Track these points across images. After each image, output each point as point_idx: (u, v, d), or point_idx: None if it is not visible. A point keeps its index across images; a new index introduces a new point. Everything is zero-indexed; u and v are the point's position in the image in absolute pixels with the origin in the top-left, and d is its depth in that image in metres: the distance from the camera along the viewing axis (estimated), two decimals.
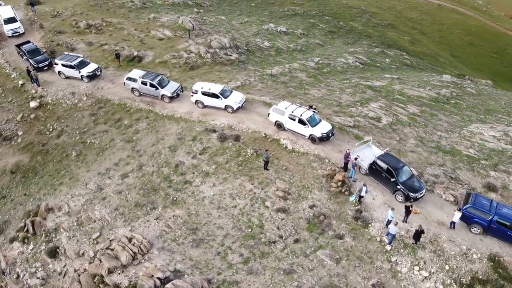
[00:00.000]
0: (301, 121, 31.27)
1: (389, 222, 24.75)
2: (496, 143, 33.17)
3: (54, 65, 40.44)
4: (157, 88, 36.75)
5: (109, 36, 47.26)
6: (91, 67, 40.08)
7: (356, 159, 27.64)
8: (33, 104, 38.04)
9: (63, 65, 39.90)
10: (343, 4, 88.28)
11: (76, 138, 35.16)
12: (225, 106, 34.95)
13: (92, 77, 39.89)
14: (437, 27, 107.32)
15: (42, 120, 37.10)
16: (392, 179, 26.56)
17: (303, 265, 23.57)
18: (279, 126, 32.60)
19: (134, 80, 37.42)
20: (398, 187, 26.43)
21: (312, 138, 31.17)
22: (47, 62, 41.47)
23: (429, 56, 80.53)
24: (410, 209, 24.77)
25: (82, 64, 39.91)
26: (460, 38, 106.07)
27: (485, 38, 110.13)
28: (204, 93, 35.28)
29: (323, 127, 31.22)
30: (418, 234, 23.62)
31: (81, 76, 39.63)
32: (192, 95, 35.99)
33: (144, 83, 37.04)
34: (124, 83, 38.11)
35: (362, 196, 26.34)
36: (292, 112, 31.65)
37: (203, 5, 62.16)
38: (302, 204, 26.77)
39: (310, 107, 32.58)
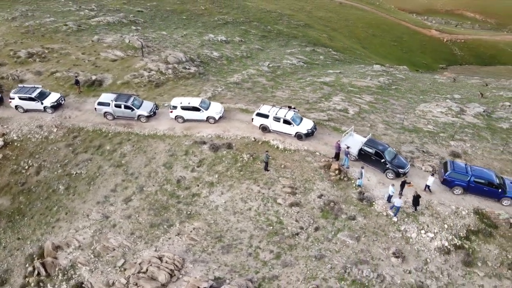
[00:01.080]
0: (286, 121, 33.75)
1: (390, 197, 28.32)
2: (445, 118, 38.79)
3: (10, 100, 38.13)
4: (132, 109, 36.71)
5: (57, 63, 45.37)
6: (54, 96, 38.54)
7: (348, 147, 30.88)
8: None
9: (20, 98, 37.83)
10: (262, 9, 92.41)
11: (58, 171, 33.86)
12: (207, 117, 36.15)
13: (57, 107, 38.40)
14: (344, 23, 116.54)
15: (13, 158, 35.00)
16: (382, 160, 30.24)
17: (330, 248, 26.10)
18: (264, 129, 34.74)
19: (107, 104, 36.92)
20: (388, 166, 30.18)
21: (298, 136, 33.80)
22: None
23: (348, 50, 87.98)
24: (406, 183, 28.57)
25: (42, 95, 38.20)
26: (365, 31, 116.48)
27: (383, 29, 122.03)
28: (183, 108, 36.13)
29: (306, 124, 34.06)
30: (416, 199, 27.45)
31: (44, 107, 37.93)
32: (171, 111, 36.60)
33: (118, 106, 36.74)
34: (95, 108, 37.37)
35: (360, 179, 29.61)
36: (276, 114, 34.02)
37: (138, 22, 61.66)
38: (311, 196, 29.28)
39: (290, 107, 35.23)
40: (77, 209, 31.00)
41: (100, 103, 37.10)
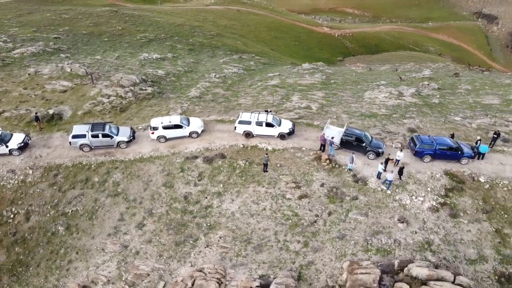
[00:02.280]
0: (268, 124, 36.42)
1: (379, 174, 32.70)
2: (391, 101, 44.84)
3: None
4: (112, 137, 36.17)
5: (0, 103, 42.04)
6: (19, 137, 36.11)
7: (333, 138, 34.63)
8: None
9: None
10: (173, 23, 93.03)
11: (51, 213, 32.19)
12: (190, 133, 37.15)
13: (23, 148, 36.03)
14: (248, 29, 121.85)
15: None
16: (363, 144, 34.59)
17: (347, 228, 29.50)
18: (248, 135, 36.94)
19: (82, 136, 35.83)
20: (368, 149, 34.61)
21: (281, 136, 36.66)
22: None
23: (264, 54, 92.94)
24: (389, 159, 33.21)
25: (5, 138, 35.56)
26: (268, 35, 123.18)
27: (283, 31, 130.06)
28: (165, 127, 36.68)
29: (286, 124, 37.12)
30: (401, 170, 32.23)
31: (10, 150, 35.36)
32: (152, 133, 36.85)
33: (95, 136, 35.92)
34: (70, 142, 35.96)
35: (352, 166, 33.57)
36: (258, 119, 36.49)
37: (63, 49, 58.70)
38: (314, 186, 32.38)
39: (267, 111, 37.95)
40: (87, 246, 30.04)
41: (74, 136, 35.84)
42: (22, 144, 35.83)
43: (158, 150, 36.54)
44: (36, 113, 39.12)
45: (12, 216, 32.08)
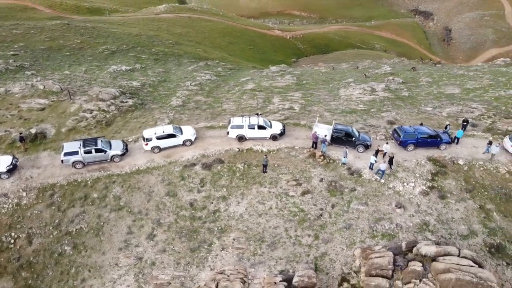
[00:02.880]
0: (260, 127, 37.63)
1: (371, 165, 34.92)
2: (366, 97, 47.56)
3: None
4: (105, 151, 35.78)
5: None
6: (6, 159, 34.75)
7: (325, 136, 36.44)
8: None
9: None
10: (130, 33, 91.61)
11: (54, 234, 31.40)
12: (183, 141, 37.52)
13: (12, 170, 34.72)
14: (202, 36, 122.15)
15: None
16: (352, 139, 36.73)
17: (351, 218, 31.34)
18: (241, 138, 37.92)
19: (75, 153, 35.17)
20: (357, 142, 36.81)
21: (273, 137, 37.99)
22: None
23: (225, 59, 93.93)
24: (379, 151, 35.53)
25: None
26: (223, 40, 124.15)
27: (236, 36, 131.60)
28: (159, 137, 36.84)
29: (277, 125, 38.52)
30: (391, 160, 34.65)
31: None
32: (146, 144, 36.87)
33: (88, 152, 35.38)
34: (62, 160, 35.15)
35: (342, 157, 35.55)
36: (250, 122, 37.60)
37: (25, 66, 56.38)
38: (314, 182, 33.97)
39: (257, 114, 39.14)
40: (99, 262, 29.70)
41: (67, 154, 35.08)
42: (11, 166, 34.53)
43: (153, 160, 36.60)
44: (20, 133, 37.77)
45: (12, 241, 30.94)
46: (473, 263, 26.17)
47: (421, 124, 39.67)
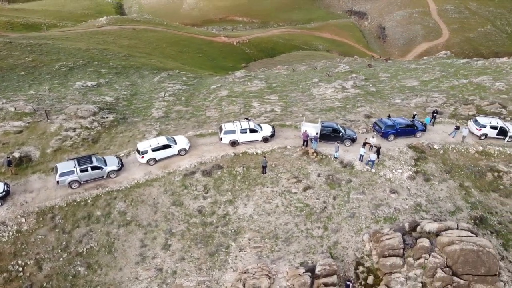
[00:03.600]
0: (252, 130, 38.95)
1: (361, 156, 37.50)
2: (339, 95, 50.43)
3: None
4: (102, 168, 35.29)
5: None
6: None
7: (317, 133, 38.49)
8: None
9: None
10: (80, 48, 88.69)
11: (64, 256, 30.60)
12: (179, 151, 37.89)
13: (5, 197, 33.23)
14: (150, 46, 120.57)
15: None
16: (340, 134, 39.14)
17: (353, 207, 33.58)
18: (233, 143, 38.98)
19: (70, 173, 34.38)
20: (344, 137, 39.28)
21: (265, 139, 39.44)
22: None
23: (182, 69, 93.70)
24: (366, 143, 38.20)
25: None
26: (172, 50, 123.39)
27: (184, 44, 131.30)
28: (154, 149, 36.96)
29: (267, 128, 40.04)
30: (378, 151, 37.45)
31: None
32: (142, 157, 36.81)
33: (84, 170, 34.76)
34: (57, 182, 34.20)
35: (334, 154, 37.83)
36: (241, 127, 38.80)
37: None
38: (312, 177, 35.84)
39: (246, 119, 40.42)
40: (118, 279, 29.47)
41: (62, 174, 34.19)
42: (4, 193, 33.05)
43: (151, 173, 36.65)
44: (8, 157, 36.11)
45: (20, 269, 29.72)
46: (471, 234, 29.39)
47: (389, 116, 42.89)
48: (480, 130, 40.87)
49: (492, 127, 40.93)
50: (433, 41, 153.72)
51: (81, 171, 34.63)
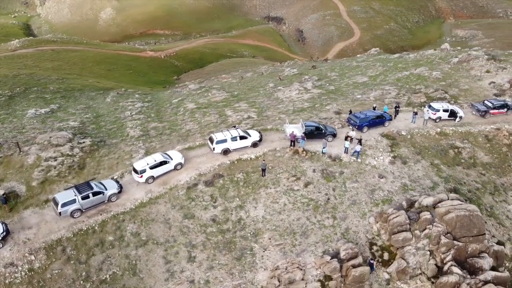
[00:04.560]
0: (242, 137, 40.45)
1: (346, 149, 40.83)
2: (304, 96, 53.57)
3: None
4: (103, 193, 34.45)
5: None
6: None
7: (304, 133, 41.02)
8: None
9: None
10: (5, 75, 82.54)
11: (87, 286, 29.55)
12: (175, 166, 38.10)
13: (5, 237, 31.04)
14: (77, 67, 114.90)
15: None
16: (323, 131, 42.15)
17: (352, 195, 36.64)
18: (225, 152, 40.10)
19: (72, 202, 33.12)
20: (327, 133, 42.38)
21: (254, 144, 41.09)
22: None
23: (123, 86, 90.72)
24: (348, 137, 41.61)
25: None
26: (100, 68, 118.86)
27: (111, 62, 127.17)
28: (152, 167, 36.85)
29: (255, 133, 41.76)
30: (360, 142, 41.06)
31: None
32: (141, 176, 36.48)
33: (86, 197, 33.72)
34: (59, 213, 32.74)
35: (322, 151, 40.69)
36: (232, 135, 40.12)
37: None
38: (309, 173, 38.25)
39: (234, 127, 41.78)
40: None
41: (63, 204, 32.81)
42: (4, 233, 30.88)
43: (151, 191, 36.49)
44: (3, 194, 33.61)
45: None
46: (460, 201, 33.89)
47: (350, 112, 46.96)
48: (435, 114, 46.47)
49: (444, 110, 46.77)
50: (347, 40, 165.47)
51: (83, 198, 33.52)
